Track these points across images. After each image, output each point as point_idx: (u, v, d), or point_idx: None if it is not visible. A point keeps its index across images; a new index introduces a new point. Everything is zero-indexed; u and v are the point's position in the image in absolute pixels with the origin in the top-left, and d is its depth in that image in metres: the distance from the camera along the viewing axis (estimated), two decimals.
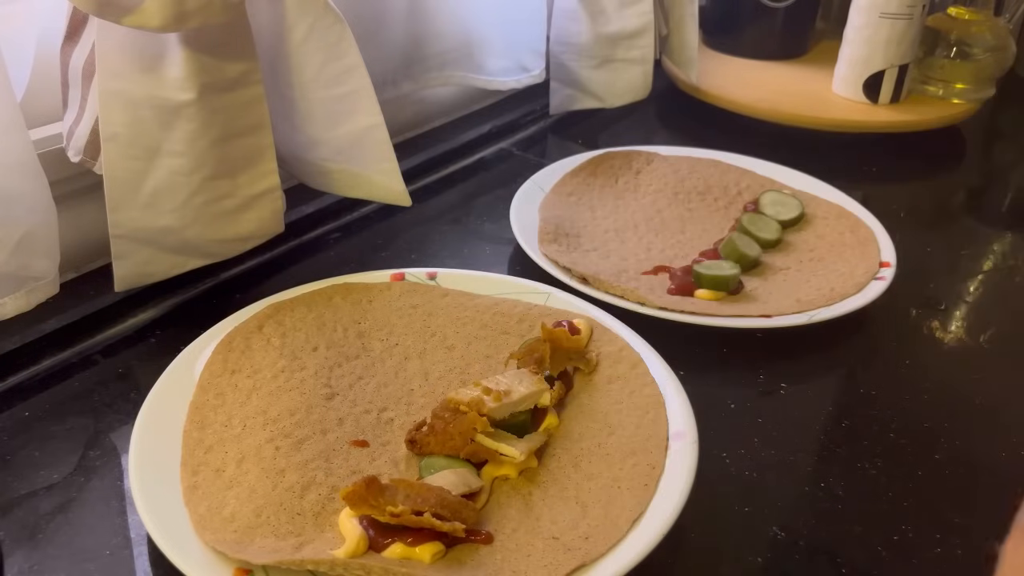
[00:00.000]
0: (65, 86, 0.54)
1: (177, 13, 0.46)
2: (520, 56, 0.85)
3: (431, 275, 0.60)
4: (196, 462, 0.44)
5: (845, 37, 0.92)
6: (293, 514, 0.42)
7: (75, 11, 0.51)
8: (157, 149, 0.52)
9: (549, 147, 0.90)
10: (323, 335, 0.54)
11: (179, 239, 0.56)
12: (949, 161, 0.92)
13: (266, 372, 0.51)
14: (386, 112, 0.59)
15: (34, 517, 0.44)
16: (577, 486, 0.44)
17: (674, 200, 0.75)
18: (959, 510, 0.46)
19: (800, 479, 0.47)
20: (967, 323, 0.62)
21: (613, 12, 0.85)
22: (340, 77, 0.57)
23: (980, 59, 0.92)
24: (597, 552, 0.39)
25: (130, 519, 0.44)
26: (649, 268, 0.65)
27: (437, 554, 0.39)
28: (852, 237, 0.68)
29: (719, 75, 0.99)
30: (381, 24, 0.75)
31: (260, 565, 0.38)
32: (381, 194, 0.63)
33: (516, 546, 0.41)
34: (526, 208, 0.70)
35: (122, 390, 0.53)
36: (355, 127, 0.59)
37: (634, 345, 0.53)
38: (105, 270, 0.57)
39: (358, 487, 0.39)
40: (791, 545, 0.43)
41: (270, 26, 0.55)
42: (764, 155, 0.80)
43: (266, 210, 0.59)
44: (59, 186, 0.55)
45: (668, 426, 0.47)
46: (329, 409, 0.49)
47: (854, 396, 0.54)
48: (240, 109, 0.54)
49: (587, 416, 0.49)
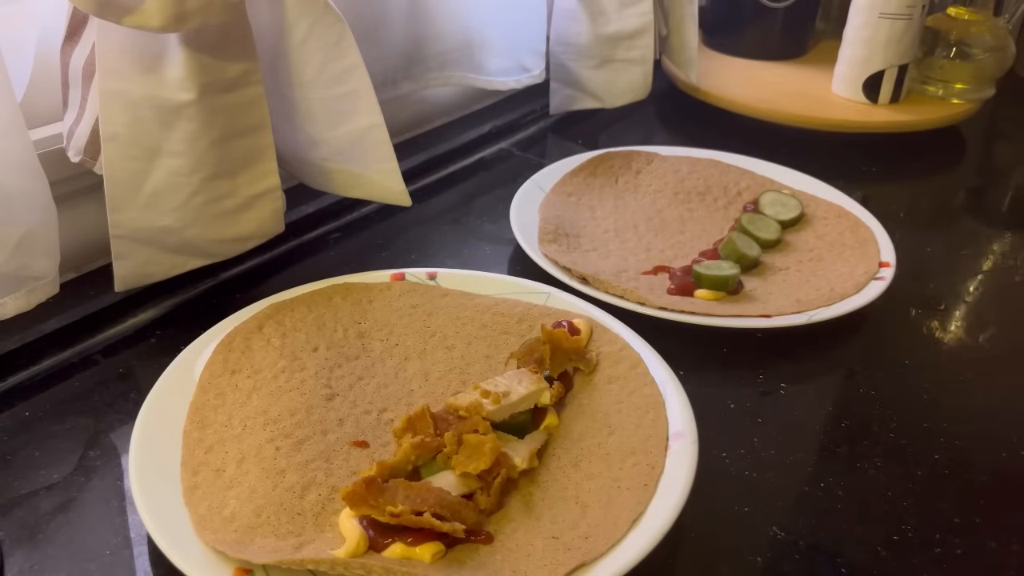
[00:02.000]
0: (65, 86, 0.54)
1: (177, 13, 0.46)
2: (520, 56, 0.85)
3: (431, 275, 0.60)
4: (196, 462, 0.44)
5: (845, 37, 0.92)
6: (293, 514, 0.42)
7: (75, 11, 0.51)
8: (157, 149, 0.52)
9: (549, 147, 0.90)
10: (323, 335, 0.54)
11: (179, 239, 0.56)
12: (949, 161, 0.92)
13: (266, 372, 0.51)
14: (386, 112, 0.59)
15: (34, 517, 0.44)
16: (577, 486, 0.44)
17: (674, 200, 0.75)
18: (959, 510, 0.46)
19: (800, 479, 0.47)
20: (967, 323, 0.62)
21: (613, 12, 0.85)
22: (340, 77, 0.57)
23: (980, 59, 0.92)
24: (597, 552, 0.39)
25: (130, 519, 0.44)
26: (649, 268, 0.65)
27: (437, 554, 0.39)
28: (852, 237, 0.68)
29: (719, 75, 0.99)
30: (381, 24, 0.75)
31: (260, 565, 0.38)
32: (381, 194, 0.63)
33: (516, 546, 0.41)
34: (526, 208, 0.70)
35: (122, 390, 0.53)
36: (355, 127, 0.59)
37: (634, 345, 0.53)
38: (105, 270, 0.58)
39: (358, 487, 0.39)
40: (791, 545, 0.43)
41: (270, 26, 0.55)
42: (764, 155, 0.80)
43: (266, 210, 0.59)
44: (59, 186, 0.55)
45: (668, 426, 0.47)
46: (329, 410, 0.49)
47: (854, 396, 0.54)
48: (240, 109, 0.54)
49: (587, 416, 0.49)
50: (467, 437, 0.43)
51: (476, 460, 0.42)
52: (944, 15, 0.94)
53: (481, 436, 0.43)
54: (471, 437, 0.43)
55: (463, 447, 0.43)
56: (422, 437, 0.44)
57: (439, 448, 0.43)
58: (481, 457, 0.42)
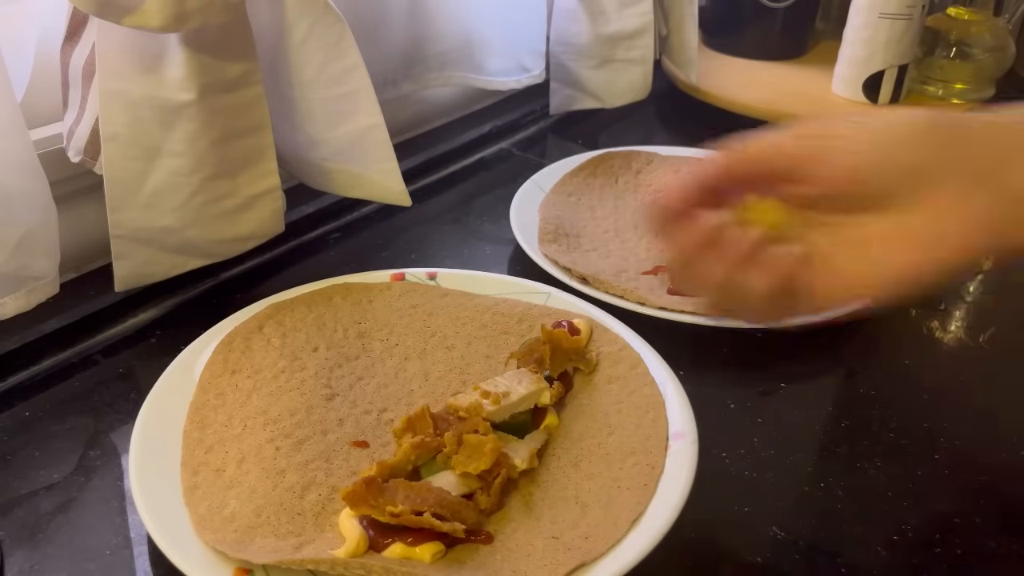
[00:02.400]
0: (65, 86, 0.54)
1: (177, 13, 0.46)
2: (520, 56, 0.85)
3: (431, 275, 0.60)
4: (196, 462, 0.44)
5: (845, 37, 0.92)
6: (293, 514, 0.42)
7: (75, 11, 0.51)
8: (157, 149, 0.52)
9: (549, 147, 0.90)
10: (323, 335, 0.54)
11: (179, 239, 0.56)
12: None
13: (266, 372, 0.51)
14: (386, 112, 0.59)
15: (34, 517, 0.44)
16: (577, 486, 0.44)
17: None
18: (959, 510, 0.45)
19: (800, 479, 0.47)
20: (967, 323, 0.62)
21: (613, 12, 0.85)
22: (340, 77, 0.57)
23: (979, 59, 0.92)
24: (597, 552, 0.39)
25: (130, 519, 0.44)
26: (649, 268, 0.65)
27: (437, 554, 0.39)
28: None
29: (719, 75, 0.99)
30: (381, 24, 0.75)
31: (260, 565, 0.38)
32: (381, 194, 0.63)
33: (516, 546, 0.41)
34: (526, 208, 0.70)
35: (122, 390, 0.53)
36: (355, 127, 0.59)
37: (634, 345, 0.53)
38: (105, 270, 0.57)
39: (358, 487, 0.39)
40: (791, 545, 0.43)
41: (270, 26, 0.55)
42: None
43: (266, 210, 0.59)
44: (59, 186, 0.55)
45: (668, 426, 0.47)
46: (329, 410, 0.49)
47: (854, 396, 0.54)
48: (240, 109, 0.54)
49: (587, 416, 0.49)
50: (467, 437, 0.43)
51: (476, 461, 0.42)
52: (944, 15, 0.94)
53: (481, 436, 0.43)
54: (471, 437, 0.43)
55: (463, 447, 0.43)
56: (422, 437, 0.43)
57: (439, 448, 0.43)
58: (482, 458, 0.42)
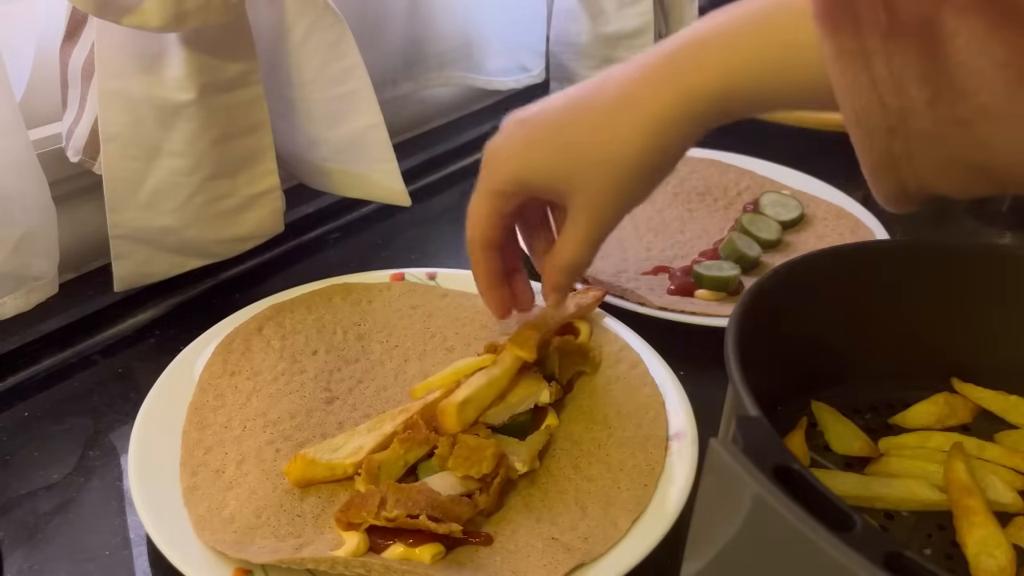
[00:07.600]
0: (65, 86, 0.54)
1: (177, 13, 0.46)
2: (520, 56, 0.85)
3: (431, 275, 0.60)
4: (195, 463, 0.44)
5: None
6: (293, 516, 0.42)
7: (75, 11, 0.51)
8: (157, 149, 0.52)
9: None
10: (323, 338, 0.54)
11: (179, 239, 0.56)
12: None
13: (266, 375, 0.51)
14: (386, 112, 0.59)
15: (34, 517, 0.44)
16: (577, 487, 0.44)
17: (674, 200, 0.75)
18: None
19: None
20: None
21: (613, 12, 0.85)
22: (340, 77, 0.57)
23: None
24: (597, 552, 0.39)
25: (130, 519, 0.44)
26: (649, 268, 0.65)
27: (437, 555, 0.39)
28: (852, 238, 0.68)
29: None
30: (381, 24, 0.75)
31: (259, 565, 0.38)
32: (381, 194, 0.63)
33: (516, 547, 0.41)
34: None
35: (122, 390, 0.53)
36: (355, 127, 0.59)
37: (634, 345, 0.53)
38: (105, 270, 0.57)
39: (344, 511, 0.39)
40: None
41: (270, 26, 0.55)
42: (764, 155, 0.80)
43: (266, 210, 0.59)
44: (59, 186, 0.55)
45: (668, 426, 0.47)
46: (329, 413, 0.49)
47: None
48: (240, 109, 0.54)
49: (587, 417, 0.49)
50: (462, 438, 0.43)
51: (477, 465, 0.42)
52: None
53: (482, 440, 0.43)
54: (467, 438, 0.43)
55: (458, 447, 0.43)
56: (409, 432, 0.43)
57: (430, 442, 0.43)
58: (482, 462, 0.42)
